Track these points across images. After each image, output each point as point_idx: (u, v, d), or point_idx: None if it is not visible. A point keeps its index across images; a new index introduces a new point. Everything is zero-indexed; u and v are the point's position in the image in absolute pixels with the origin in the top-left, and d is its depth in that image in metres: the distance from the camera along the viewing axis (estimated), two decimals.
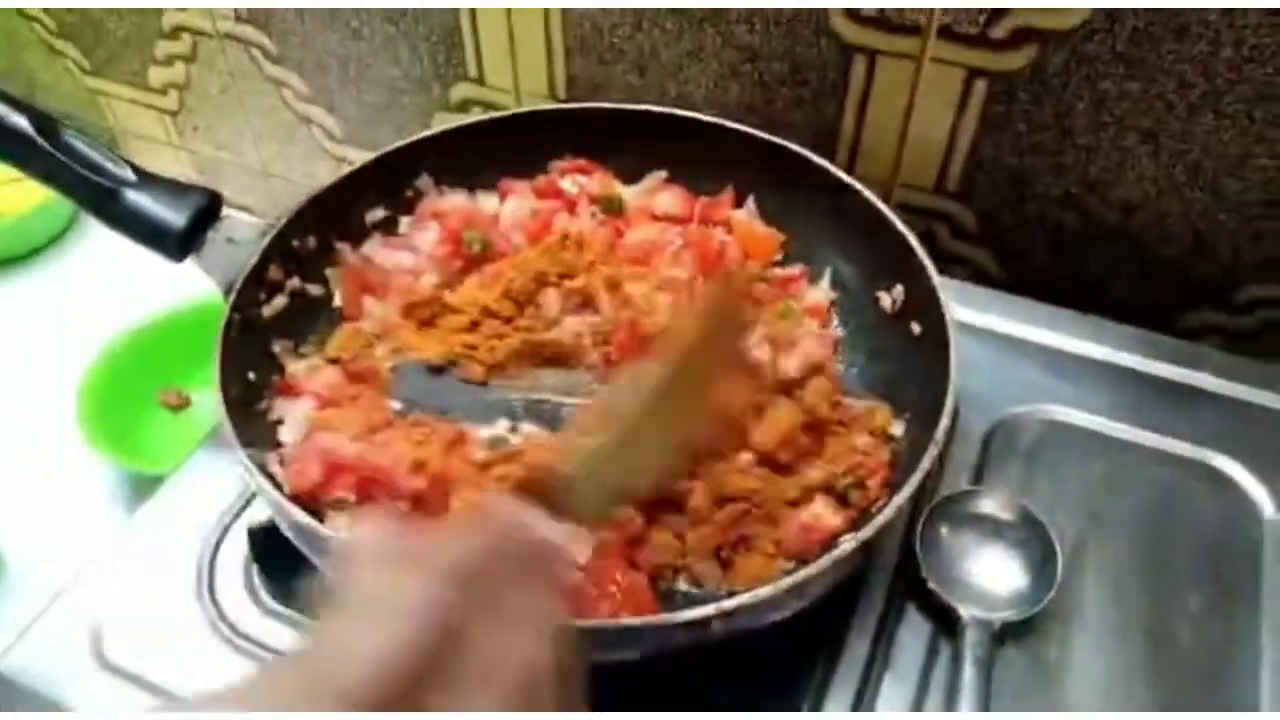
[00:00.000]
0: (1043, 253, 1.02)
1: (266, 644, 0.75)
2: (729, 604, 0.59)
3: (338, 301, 0.89)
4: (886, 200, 0.99)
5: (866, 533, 0.63)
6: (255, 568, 0.79)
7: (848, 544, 0.63)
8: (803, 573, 0.61)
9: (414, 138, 0.93)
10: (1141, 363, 0.92)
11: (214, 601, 0.77)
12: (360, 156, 0.92)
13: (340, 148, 1.30)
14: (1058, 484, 0.84)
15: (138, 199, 0.77)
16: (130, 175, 0.77)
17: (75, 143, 0.78)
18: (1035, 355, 0.93)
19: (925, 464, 0.66)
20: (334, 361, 0.83)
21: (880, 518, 0.64)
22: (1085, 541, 0.80)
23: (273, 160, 1.37)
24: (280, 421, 0.79)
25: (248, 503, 0.83)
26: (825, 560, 0.62)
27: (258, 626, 0.76)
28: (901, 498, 0.65)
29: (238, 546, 0.80)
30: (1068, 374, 0.92)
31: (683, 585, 0.73)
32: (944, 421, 0.69)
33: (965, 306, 0.95)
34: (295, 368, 0.82)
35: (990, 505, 0.79)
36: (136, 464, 1.07)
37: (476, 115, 0.98)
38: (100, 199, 0.78)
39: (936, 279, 0.80)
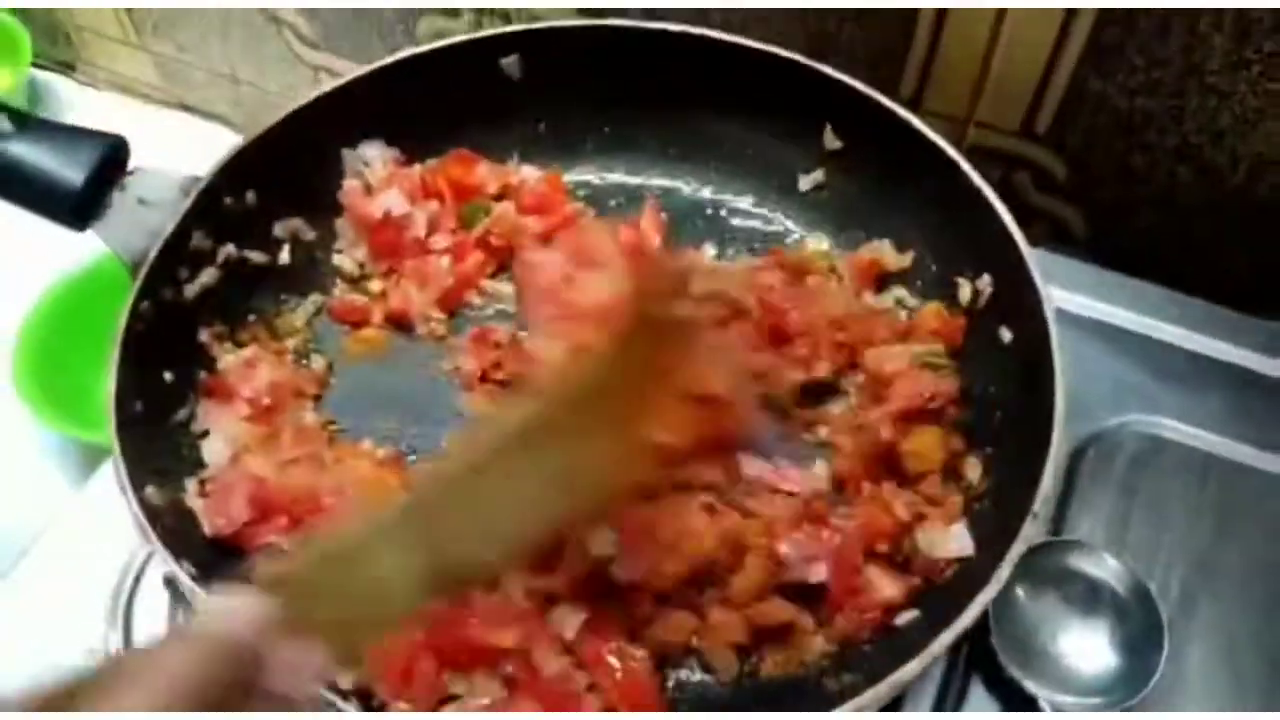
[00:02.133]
0: (1146, 212, 0.84)
1: None
2: None
3: (285, 260, 0.73)
4: (959, 142, 0.83)
5: (936, 647, 0.48)
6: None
7: (913, 664, 0.48)
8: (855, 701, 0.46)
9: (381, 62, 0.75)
10: (1271, 365, 0.75)
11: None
12: (341, 65, 0.74)
13: (315, 54, 1.12)
14: (1160, 519, 0.69)
15: (21, 152, 0.61)
16: (7, 125, 0.60)
17: None
18: (1137, 350, 0.77)
19: (1017, 547, 0.51)
20: None
21: (959, 622, 0.49)
22: (1193, 599, 0.66)
23: (241, 64, 1.19)
24: (205, 434, 0.64)
25: None
26: (883, 687, 0.47)
27: None
28: (986, 596, 0.49)
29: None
30: (1179, 376, 0.75)
31: (694, 672, 0.58)
32: (1043, 487, 0.53)
33: (1051, 283, 0.78)
34: (228, 361, 0.67)
35: (1083, 561, 0.64)
36: (84, 431, 0.92)
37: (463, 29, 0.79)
38: None
39: (1037, 273, 0.62)
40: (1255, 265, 0.82)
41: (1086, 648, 0.62)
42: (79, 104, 1.23)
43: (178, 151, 0.71)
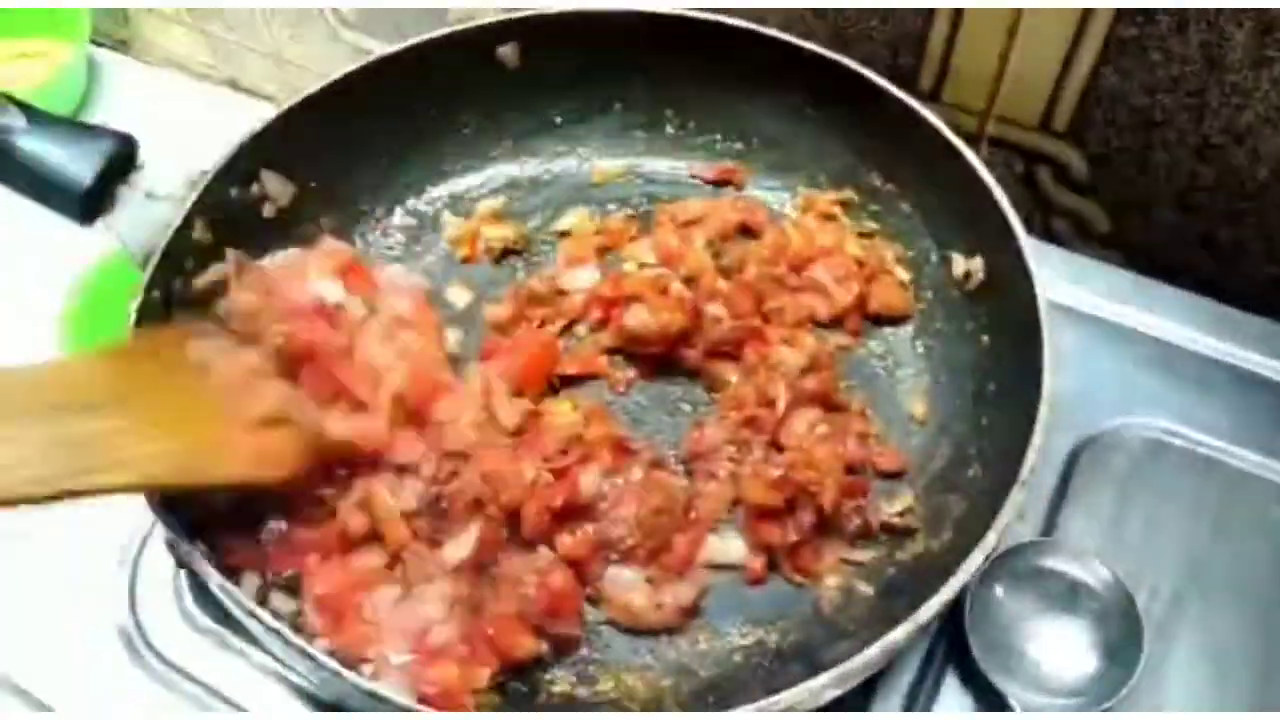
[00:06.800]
0: (1167, 211, 0.83)
1: (194, 674, 0.65)
2: None
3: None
4: (979, 134, 0.82)
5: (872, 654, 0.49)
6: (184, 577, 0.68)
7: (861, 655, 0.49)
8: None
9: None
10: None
11: (135, 618, 0.67)
12: (378, 46, 0.77)
13: (355, 35, 1.14)
14: (1157, 524, 0.68)
15: (33, 147, 0.63)
16: (21, 121, 0.63)
17: None
18: (1145, 350, 0.76)
19: (974, 560, 0.51)
20: None
21: (908, 622, 0.50)
22: (1183, 603, 0.65)
23: (286, 45, 1.22)
24: None
25: None
26: (823, 678, 0.48)
27: (186, 648, 0.67)
28: (939, 601, 0.50)
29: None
30: (1185, 378, 0.74)
31: None
32: (1015, 495, 0.53)
33: (1060, 278, 0.78)
34: None
35: (1065, 562, 0.64)
36: None
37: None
38: None
39: (1030, 257, 0.63)
40: (1272, 265, 0.80)
41: (1064, 649, 0.62)
42: (134, 81, 1.26)
43: (228, 130, 0.71)
